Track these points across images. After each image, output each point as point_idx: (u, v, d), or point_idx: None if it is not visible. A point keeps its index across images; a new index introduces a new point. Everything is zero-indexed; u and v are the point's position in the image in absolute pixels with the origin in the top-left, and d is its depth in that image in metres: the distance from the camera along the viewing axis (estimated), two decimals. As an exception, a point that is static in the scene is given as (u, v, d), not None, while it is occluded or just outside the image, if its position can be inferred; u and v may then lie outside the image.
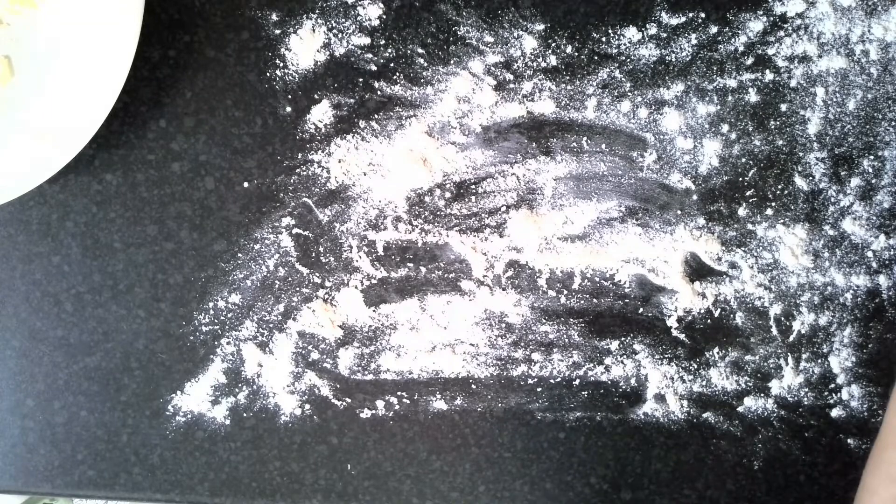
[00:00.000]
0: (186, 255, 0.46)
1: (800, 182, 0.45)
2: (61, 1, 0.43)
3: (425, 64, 0.44)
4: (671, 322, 0.46)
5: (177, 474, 0.47)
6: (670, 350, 0.46)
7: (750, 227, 0.45)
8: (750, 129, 0.45)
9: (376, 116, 0.45)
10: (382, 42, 0.44)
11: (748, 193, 0.45)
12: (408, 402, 0.46)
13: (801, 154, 0.45)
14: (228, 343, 0.46)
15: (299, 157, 0.45)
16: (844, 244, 0.45)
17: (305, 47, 0.45)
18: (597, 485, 0.46)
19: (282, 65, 0.45)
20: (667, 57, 0.44)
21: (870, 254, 0.45)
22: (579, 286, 0.45)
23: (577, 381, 0.46)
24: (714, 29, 0.44)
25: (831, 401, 0.45)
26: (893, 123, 0.44)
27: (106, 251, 0.46)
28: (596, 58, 0.44)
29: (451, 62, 0.44)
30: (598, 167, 0.45)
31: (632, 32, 0.44)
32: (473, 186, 0.45)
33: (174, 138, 0.45)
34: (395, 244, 0.46)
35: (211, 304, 0.46)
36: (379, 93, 0.45)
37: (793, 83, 0.44)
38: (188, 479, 0.47)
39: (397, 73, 0.45)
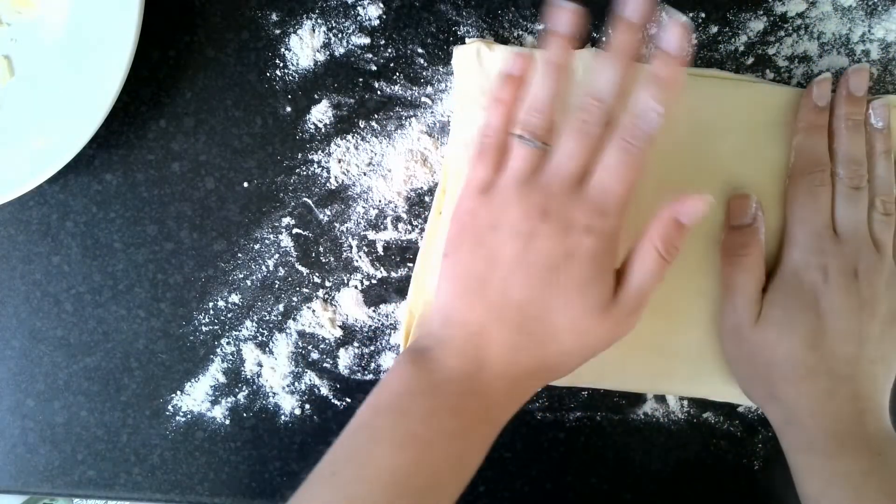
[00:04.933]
0: (186, 255, 0.46)
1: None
2: (61, 1, 0.43)
3: (425, 64, 0.44)
4: (671, 322, 0.45)
5: (177, 474, 0.47)
6: (670, 350, 0.46)
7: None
8: (750, 129, 0.45)
9: (376, 116, 0.45)
10: (382, 42, 0.44)
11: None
12: (408, 402, 0.46)
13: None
14: (228, 343, 0.46)
15: (299, 157, 0.45)
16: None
17: (305, 47, 0.44)
18: (597, 485, 0.46)
19: (282, 65, 0.45)
20: (667, 57, 0.44)
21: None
22: (579, 286, 0.45)
23: (577, 382, 0.46)
24: (714, 29, 0.44)
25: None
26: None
27: (106, 251, 0.46)
28: (596, 58, 0.44)
29: (451, 62, 0.44)
30: (599, 167, 0.45)
31: (632, 32, 0.44)
32: (473, 186, 0.45)
33: (174, 138, 0.45)
34: (395, 244, 0.46)
35: (211, 304, 0.46)
36: (379, 93, 0.45)
37: (793, 83, 0.44)
38: (188, 479, 0.47)
39: (397, 73, 0.45)
